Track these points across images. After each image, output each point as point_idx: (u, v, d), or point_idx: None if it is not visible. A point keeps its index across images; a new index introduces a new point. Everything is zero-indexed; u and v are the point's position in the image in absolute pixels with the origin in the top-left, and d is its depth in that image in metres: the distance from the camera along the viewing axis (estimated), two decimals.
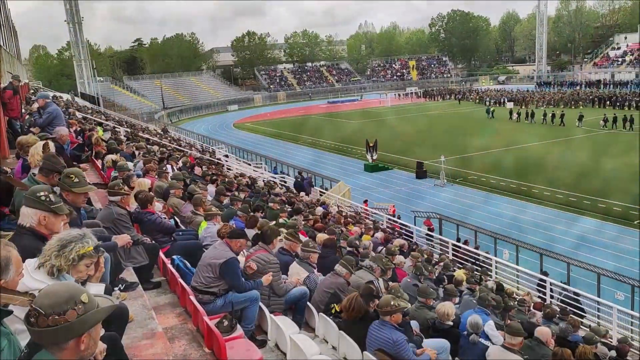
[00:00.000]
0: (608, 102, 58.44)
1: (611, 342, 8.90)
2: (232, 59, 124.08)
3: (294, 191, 20.37)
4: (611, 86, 79.36)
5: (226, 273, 5.65)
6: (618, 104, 56.86)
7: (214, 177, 13.99)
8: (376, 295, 5.84)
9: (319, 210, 14.93)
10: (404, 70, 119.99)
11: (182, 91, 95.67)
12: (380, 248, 10.77)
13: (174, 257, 6.51)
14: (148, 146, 15.83)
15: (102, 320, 2.39)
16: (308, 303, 6.49)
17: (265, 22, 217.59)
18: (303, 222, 11.42)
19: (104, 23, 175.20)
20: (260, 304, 5.91)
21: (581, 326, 8.98)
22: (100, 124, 19.82)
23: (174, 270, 6.09)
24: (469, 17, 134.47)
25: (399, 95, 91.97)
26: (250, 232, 8.26)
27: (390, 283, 7.65)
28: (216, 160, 22.95)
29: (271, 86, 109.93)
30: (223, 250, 5.81)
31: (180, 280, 5.82)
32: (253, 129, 60.43)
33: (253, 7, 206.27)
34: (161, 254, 6.48)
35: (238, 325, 5.18)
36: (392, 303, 5.46)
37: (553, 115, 48.75)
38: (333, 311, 6.30)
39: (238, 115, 79.83)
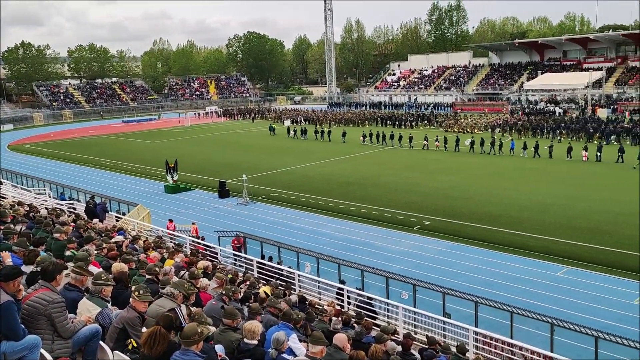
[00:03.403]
0: (388, 121, 65.79)
1: (398, 337, 9.86)
2: (4, 72, 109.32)
3: (86, 218, 18.58)
4: (390, 107, 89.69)
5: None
6: (397, 122, 64.45)
7: None
8: (178, 324, 5.55)
9: (116, 237, 13.82)
10: (204, 89, 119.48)
11: None
12: (182, 272, 10.35)
13: None
14: None
15: None
16: (101, 342, 5.88)
17: (43, 33, 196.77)
18: (95, 252, 10.43)
19: None
20: (42, 350, 5.17)
21: (373, 327, 9.76)
22: None
23: None
24: (265, 40, 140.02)
25: (199, 114, 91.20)
26: (30, 269, 7.26)
27: (194, 308, 7.37)
28: None
29: (54, 103, 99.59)
30: None
31: None
32: (34, 151, 53.94)
33: (28, 17, 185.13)
34: None
35: None
36: (198, 331, 5.24)
37: (322, 132, 55.19)
38: (130, 347, 5.81)
39: (14, 135, 70.79)
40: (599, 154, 37.13)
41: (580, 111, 65.69)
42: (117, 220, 20.77)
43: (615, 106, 66.60)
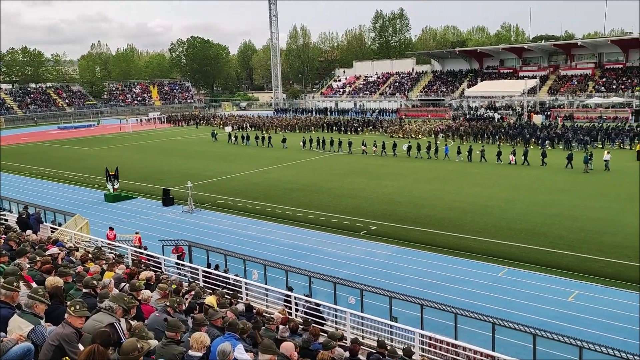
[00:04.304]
0: (334, 127, 66.28)
1: (346, 343, 9.87)
2: None
3: (18, 229, 17.63)
4: (336, 113, 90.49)
5: None
6: (342, 128, 65.02)
7: None
8: (116, 339, 5.31)
9: (51, 250, 13.17)
10: (146, 95, 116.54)
11: None
12: (123, 284, 9.97)
13: None
14: None
15: None
16: None
17: None
18: (28, 266, 9.89)
19: None
20: None
21: (321, 333, 9.72)
22: None
23: None
24: (209, 45, 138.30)
25: (141, 120, 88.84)
26: None
27: (134, 322, 7.09)
28: None
29: None
30: None
31: None
32: None
33: None
34: None
35: None
36: (138, 346, 5.02)
37: (263, 138, 55.59)
38: None
39: None
40: (524, 157, 39.09)
41: (517, 117, 68.52)
42: (52, 232, 19.82)
43: (549, 113, 69.97)
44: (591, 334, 13.40)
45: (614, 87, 74.00)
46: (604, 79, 76.80)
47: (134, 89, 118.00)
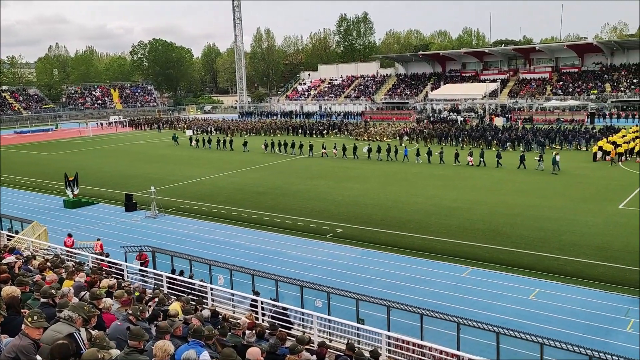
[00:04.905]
0: (300, 130, 66.22)
1: (313, 347, 9.84)
2: None
3: None
4: (301, 116, 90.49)
5: None
6: (308, 131, 65.01)
7: None
8: (74, 348, 5.15)
9: (8, 258, 12.69)
10: (106, 98, 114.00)
11: None
12: (83, 293, 9.69)
13: None
14: None
15: None
16: None
17: None
18: None
19: None
20: None
21: (288, 338, 9.67)
22: None
23: None
24: (172, 47, 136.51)
25: (102, 124, 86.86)
26: None
27: (95, 332, 6.89)
28: None
29: None
30: None
31: None
32: None
33: None
34: None
35: None
36: (99, 357, 4.88)
37: (224, 142, 55.21)
38: None
39: None
40: (482, 159, 40.10)
41: (479, 120, 69.94)
42: (8, 240, 19.14)
43: (509, 115, 71.70)
44: (552, 331, 13.75)
45: (570, 90, 76.47)
46: (561, 83, 79.27)
47: (93, 92, 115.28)
